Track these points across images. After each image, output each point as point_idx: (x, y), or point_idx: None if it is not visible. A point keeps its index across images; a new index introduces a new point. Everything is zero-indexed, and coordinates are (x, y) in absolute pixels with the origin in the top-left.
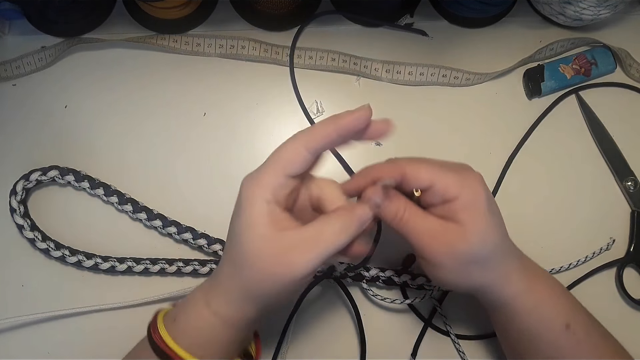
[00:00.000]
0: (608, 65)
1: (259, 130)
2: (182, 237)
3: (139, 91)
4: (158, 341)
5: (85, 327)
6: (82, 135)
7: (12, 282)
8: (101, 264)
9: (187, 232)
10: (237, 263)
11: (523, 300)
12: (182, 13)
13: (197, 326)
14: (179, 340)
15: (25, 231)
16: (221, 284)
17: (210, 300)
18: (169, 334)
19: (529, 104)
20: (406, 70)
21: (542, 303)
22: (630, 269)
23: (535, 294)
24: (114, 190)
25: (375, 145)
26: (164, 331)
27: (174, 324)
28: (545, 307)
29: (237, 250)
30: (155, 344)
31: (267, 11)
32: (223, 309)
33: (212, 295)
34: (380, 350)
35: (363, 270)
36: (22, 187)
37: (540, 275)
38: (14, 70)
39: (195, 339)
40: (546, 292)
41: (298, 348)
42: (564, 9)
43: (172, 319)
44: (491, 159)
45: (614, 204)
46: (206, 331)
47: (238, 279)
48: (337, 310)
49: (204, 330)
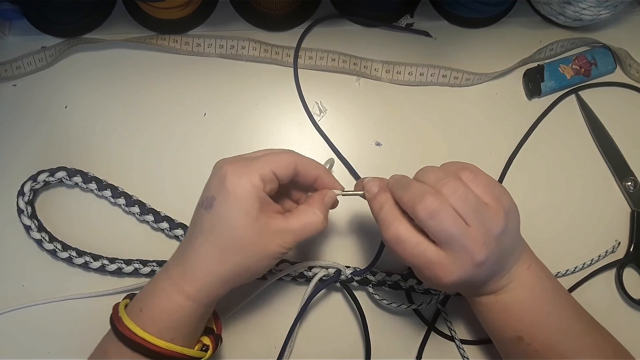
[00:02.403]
0: (608, 65)
1: (259, 130)
2: None
3: (139, 91)
4: (126, 332)
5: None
6: (82, 135)
7: (18, 283)
8: (108, 265)
9: None
10: (226, 247)
11: (487, 302)
12: (182, 13)
13: (167, 311)
14: (148, 328)
15: (32, 232)
16: (199, 269)
17: (182, 286)
18: (137, 324)
19: (529, 104)
20: (406, 70)
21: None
22: (630, 269)
23: (504, 303)
24: (122, 192)
25: (376, 145)
26: (129, 322)
27: (141, 313)
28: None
29: (226, 235)
30: (123, 335)
31: (267, 11)
32: (198, 293)
33: (186, 281)
34: (385, 353)
35: (369, 274)
36: (30, 188)
37: (531, 273)
38: (14, 71)
39: (165, 322)
40: (514, 299)
41: (303, 350)
42: (564, 9)
43: (138, 309)
44: (491, 159)
45: (613, 204)
46: (177, 314)
47: (226, 263)
48: (342, 313)
49: (175, 314)
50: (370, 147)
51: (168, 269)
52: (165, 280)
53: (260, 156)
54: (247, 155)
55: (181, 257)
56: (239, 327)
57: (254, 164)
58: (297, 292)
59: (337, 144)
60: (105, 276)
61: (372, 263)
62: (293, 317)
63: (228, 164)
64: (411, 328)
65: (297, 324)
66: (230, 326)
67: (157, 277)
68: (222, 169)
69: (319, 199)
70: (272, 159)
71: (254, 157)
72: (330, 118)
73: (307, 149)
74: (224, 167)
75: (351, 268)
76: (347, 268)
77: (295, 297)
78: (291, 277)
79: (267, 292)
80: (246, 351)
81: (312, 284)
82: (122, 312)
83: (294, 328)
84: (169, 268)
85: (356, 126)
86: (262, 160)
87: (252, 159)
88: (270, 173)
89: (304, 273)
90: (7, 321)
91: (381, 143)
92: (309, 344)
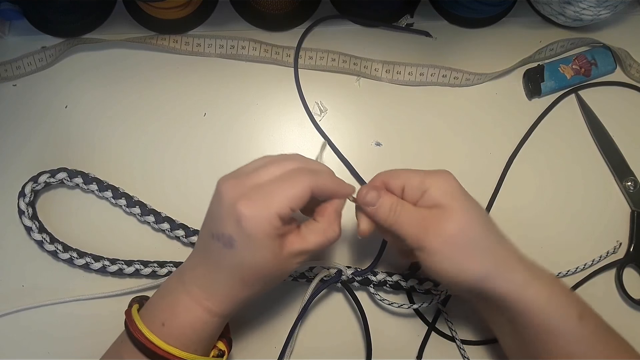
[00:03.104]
0: (608, 65)
1: (259, 130)
2: (190, 240)
3: (139, 91)
4: (148, 344)
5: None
6: (83, 135)
7: (19, 283)
8: (109, 266)
9: (195, 235)
10: (250, 280)
11: (533, 292)
12: (182, 13)
13: (193, 327)
14: (172, 342)
15: (33, 233)
16: (223, 295)
17: (208, 306)
18: (159, 338)
19: (529, 104)
20: (406, 70)
21: (554, 294)
22: (630, 269)
23: (545, 285)
24: (123, 192)
25: (376, 145)
26: (152, 336)
27: (164, 328)
28: (559, 298)
29: (251, 273)
30: (145, 347)
31: (267, 11)
32: (223, 311)
33: (210, 301)
34: (386, 353)
35: (370, 274)
36: (31, 189)
37: (538, 267)
38: (15, 71)
39: (190, 337)
40: (552, 283)
41: (304, 351)
42: (564, 9)
43: (160, 324)
44: (491, 159)
45: (613, 204)
46: (202, 329)
47: (250, 290)
48: (343, 313)
49: (201, 329)
50: (370, 147)
51: (186, 285)
52: (186, 297)
53: (274, 189)
54: (254, 177)
55: (201, 280)
56: (239, 327)
57: (271, 201)
58: (298, 292)
59: (337, 144)
60: (106, 277)
61: (373, 263)
62: (294, 317)
63: (242, 202)
64: (412, 328)
65: (298, 324)
66: (231, 326)
67: (174, 290)
68: (235, 208)
69: (334, 212)
70: (289, 194)
71: (265, 185)
72: (330, 118)
73: (307, 149)
74: (238, 207)
75: (352, 268)
76: (348, 268)
77: (296, 297)
78: (292, 277)
79: (268, 293)
80: (247, 351)
81: (313, 284)
82: (141, 324)
83: (295, 328)
84: (187, 286)
85: (356, 126)
86: (279, 196)
87: (267, 193)
88: (288, 210)
89: (305, 273)
90: (8, 323)
91: (381, 143)
92: (309, 344)
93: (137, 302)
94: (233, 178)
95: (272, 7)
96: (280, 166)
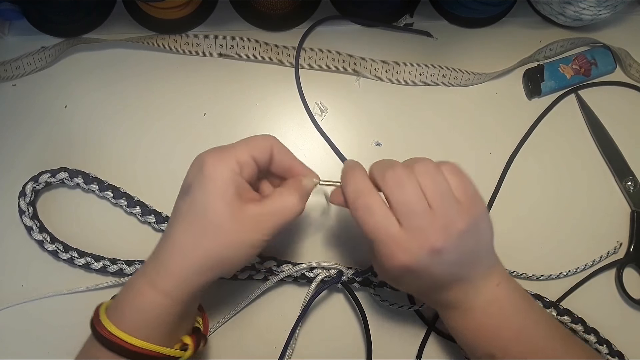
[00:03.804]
0: (608, 65)
1: (259, 130)
2: None
3: (139, 91)
4: (102, 330)
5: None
6: (83, 135)
7: (19, 283)
8: (109, 266)
9: None
10: (198, 233)
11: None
12: (182, 13)
13: (141, 308)
14: (122, 325)
15: (34, 233)
16: (173, 261)
17: (155, 281)
18: (111, 322)
19: (529, 104)
20: (406, 70)
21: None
22: (630, 269)
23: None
24: (123, 192)
25: (376, 145)
26: (105, 320)
27: (115, 311)
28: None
29: (201, 220)
30: (99, 333)
31: (267, 11)
32: (170, 286)
33: (158, 275)
34: (386, 353)
35: (371, 275)
36: (31, 188)
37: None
38: (14, 71)
39: (140, 321)
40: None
41: (304, 351)
42: (564, 9)
43: (114, 308)
44: (491, 159)
45: (613, 204)
46: (152, 312)
47: (200, 248)
48: (344, 314)
49: (150, 311)
50: (370, 147)
51: (144, 265)
52: (141, 277)
53: (238, 142)
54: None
55: (156, 252)
56: (240, 328)
57: (232, 149)
58: (299, 293)
59: (337, 144)
60: (106, 277)
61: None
62: (294, 317)
63: (207, 152)
64: (412, 329)
65: (298, 325)
66: (232, 327)
67: (135, 274)
68: (200, 157)
69: (294, 183)
70: (249, 143)
71: (233, 143)
72: (330, 118)
73: (307, 149)
74: (202, 155)
75: (353, 269)
76: (349, 269)
77: (297, 298)
78: (293, 278)
79: (269, 293)
80: (247, 352)
81: (314, 285)
82: (102, 311)
83: (296, 328)
84: (145, 265)
85: (356, 126)
86: (240, 144)
87: (230, 145)
88: (247, 156)
89: (306, 274)
90: (6, 321)
91: (381, 143)
92: (310, 344)
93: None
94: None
95: (272, 7)
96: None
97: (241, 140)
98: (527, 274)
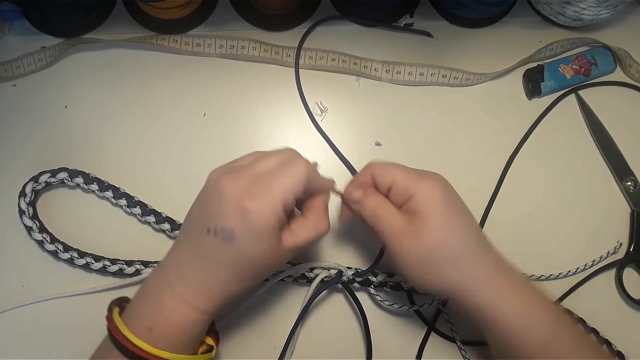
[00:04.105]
0: (608, 65)
1: (259, 130)
2: None
3: (139, 91)
4: (141, 353)
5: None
6: (83, 135)
7: (19, 283)
8: (109, 266)
9: None
10: (245, 274)
11: (504, 307)
12: (182, 13)
13: (182, 328)
14: (162, 345)
15: (34, 233)
16: (216, 292)
17: (197, 305)
18: (147, 343)
19: (529, 104)
20: (406, 70)
21: (528, 311)
22: (630, 269)
23: (521, 302)
24: (123, 192)
25: (376, 145)
26: (140, 342)
27: (151, 332)
28: (533, 315)
29: (249, 267)
30: (139, 357)
31: (267, 11)
32: (207, 305)
33: (199, 300)
34: (386, 353)
35: (371, 275)
36: (31, 188)
37: (520, 284)
38: (14, 71)
39: (180, 338)
40: (531, 298)
41: (304, 351)
42: (564, 9)
43: (147, 329)
44: (491, 159)
45: (613, 204)
46: (192, 329)
47: (244, 284)
48: (344, 314)
49: (190, 329)
50: (370, 147)
51: (172, 284)
52: (173, 298)
53: (275, 180)
54: (253, 169)
55: (189, 278)
56: (240, 328)
57: (275, 193)
58: (299, 293)
59: (337, 144)
60: (106, 277)
61: (373, 264)
62: (294, 317)
63: (247, 198)
64: (412, 329)
65: (298, 325)
66: (232, 327)
67: (159, 291)
68: (240, 203)
69: (322, 206)
70: (290, 182)
71: (265, 176)
72: (330, 118)
73: (307, 149)
74: (244, 203)
75: (353, 269)
76: (349, 269)
77: (297, 298)
78: (293, 278)
79: (269, 293)
80: (247, 352)
81: (314, 285)
82: (126, 330)
83: (296, 328)
84: (173, 285)
85: (356, 126)
86: (281, 186)
87: (268, 184)
88: (292, 199)
89: (306, 274)
90: (6, 321)
91: (381, 143)
92: (310, 344)
93: (117, 305)
94: (230, 172)
95: (272, 7)
96: (276, 156)
97: (280, 180)
98: (527, 274)
